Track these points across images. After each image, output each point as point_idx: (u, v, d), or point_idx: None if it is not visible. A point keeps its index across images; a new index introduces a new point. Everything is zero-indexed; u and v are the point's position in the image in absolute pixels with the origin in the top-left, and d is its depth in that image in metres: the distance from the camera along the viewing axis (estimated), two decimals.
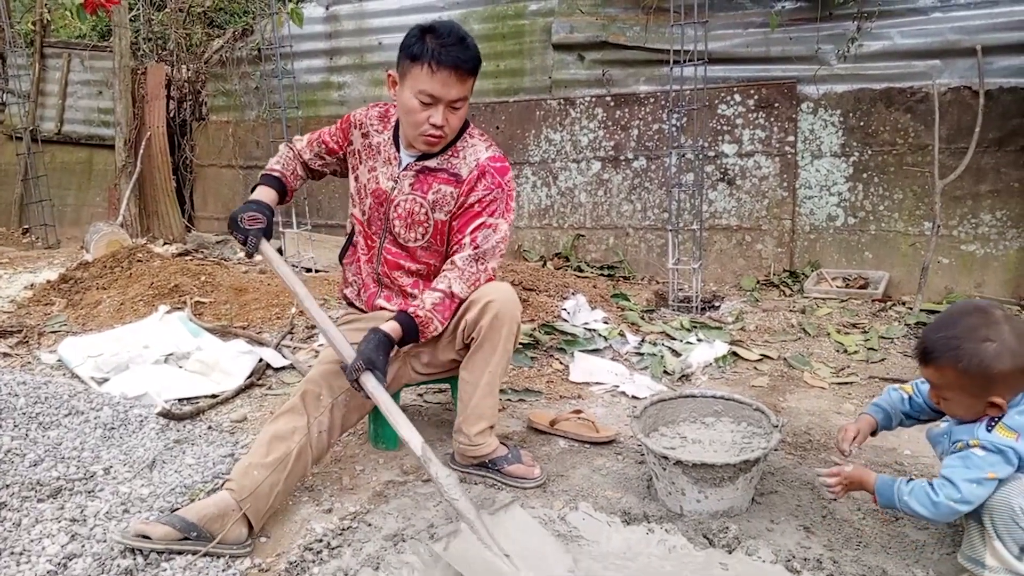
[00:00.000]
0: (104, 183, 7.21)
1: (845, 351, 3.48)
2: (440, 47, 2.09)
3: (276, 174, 2.47)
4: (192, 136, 6.93)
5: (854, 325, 3.79)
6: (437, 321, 2.20)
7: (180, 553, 1.94)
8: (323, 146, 2.52)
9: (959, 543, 1.84)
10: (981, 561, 1.73)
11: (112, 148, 6.77)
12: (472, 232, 2.25)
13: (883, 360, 3.38)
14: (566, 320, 3.82)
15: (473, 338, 2.28)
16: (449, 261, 2.26)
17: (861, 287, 4.27)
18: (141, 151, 6.57)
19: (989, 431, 1.71)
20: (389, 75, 2.26)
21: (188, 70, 6.96)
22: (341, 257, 2.63)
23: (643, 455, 2.43)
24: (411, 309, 2.18)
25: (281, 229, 5.62)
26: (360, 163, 2.43)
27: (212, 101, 6.86)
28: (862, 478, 1.88)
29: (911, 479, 1.80)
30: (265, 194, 2.41)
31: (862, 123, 4.40)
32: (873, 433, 2.07)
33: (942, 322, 1.78)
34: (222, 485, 2.09)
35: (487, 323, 2.24)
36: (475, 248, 2.23)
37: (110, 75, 6.74)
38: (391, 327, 2.13)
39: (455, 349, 2.37)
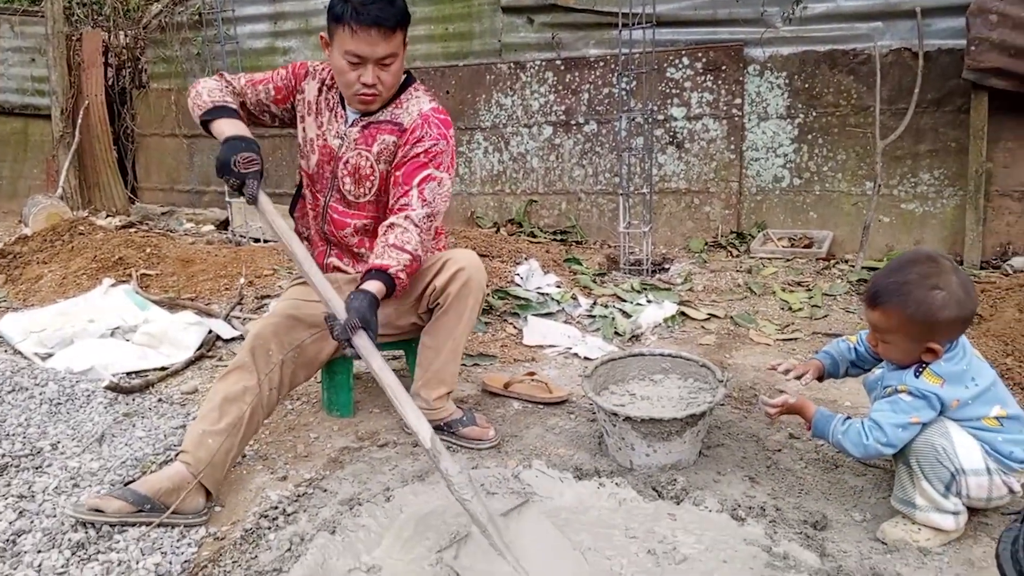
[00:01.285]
0: (41, 154, 6.96)
1: (790, 308, 3.58)
2: (360, 5, 2.07)
3: (230, 105, 2.25)
4: (132, 105, 6.71)
5: (799, 283, 3.89)
6: (407, 281, 2.14)
7: (134, 525, 1.93)
8: (271, 93, 2.36)
9: (893, 487, 1.92)
10: (912, 502, 1.82)
11: (48, 118, 6.53)
12: (419, 184, 2.19)
13: (826, 316, 3.48)
14: (519, 285, 3.85)
15: (439, 303, 2.29)
16: (404, 216, 2.14)
17: (806, 246, 4.38)
18: (79, 121, 6.35)
19: (917, 377, 1.79)
20: (322, 37, 2.23)
21: (126, 36, 6.72)
22: (292, 209, 2.60)
23: (594, 413, 2.48)
24: (390, 269, 2.05)
25: (228, 199, 5.52)
26: (308, 114, 2.37)
27: (152, 68, 6.64)
28: (802, 407, 1.95)
29: (849, 417, 1.88)
30: (240, 127, 2.19)
31: (807, 85, 4.47)
32: (820, 378, 2.14)
33: (893, 267, 1.83)
34: (175, 456, 2.07)
35: (455, 290, 2.25)
36: (424, 203, 2.18)
37: (43, 42, 6.47)
38: (376, 287, 2.01)
39: (417, 313, 2.38)
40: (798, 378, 2.12)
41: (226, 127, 2.18)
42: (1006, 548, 1.29)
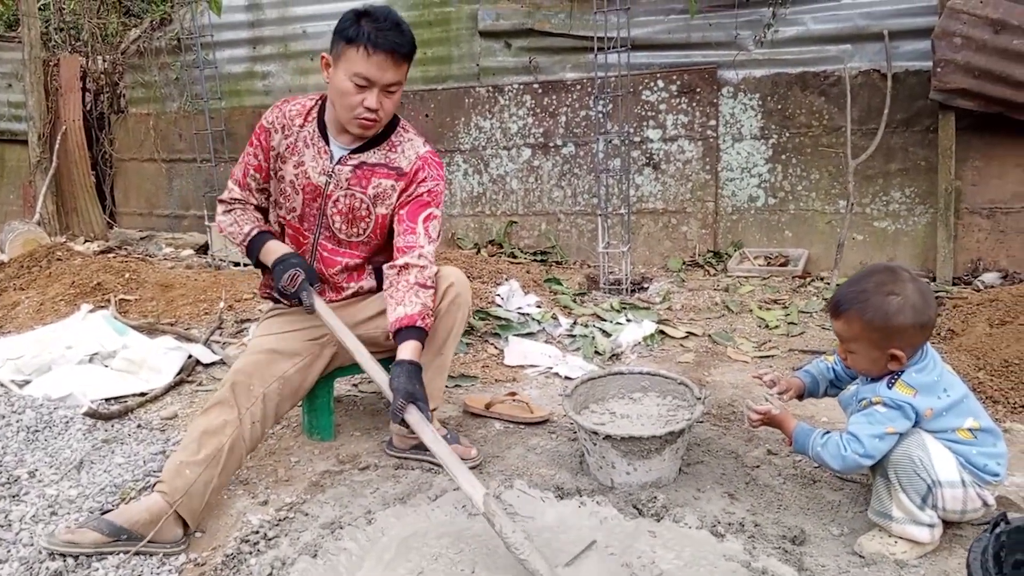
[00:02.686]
0: (18, 180, 6.91)
1: (767, 326, 3.62)
2: (376, 30, 2.10)
3: (261, 229, 2.39)
4: (111, 129, 6.70)
5: (775, 301, 3.94)
6: (432, 319, 2.24)
7: (112, 553, 1.91)
8: (256, 177, 2.39)
9: (870, 501, 1.95)
10: (888, 514, 1.85)
11: (25, 143, 6.49)
12: (424, 222, 2.28)
13: (802, 333, 3.53)
14: (500, 306, 3.87)
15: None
16: (418, 255, 2.22)
17: (782, 264, 4.44)
18: (57, 146, 6.32)
19: (890, 388, 1.83)
20: (323, 58, 2.22)
21: (104, 61, 6.72)
22: None
23: (575, 432, 2.50)
24: (418, 321, 2.13)
25: (207, 223, 5.51)
26: (283, 163, 2.34)
27: (131, 93, 6.64)
28: (784, 421, 1.99)
29: (828, 432, 1.90)
30: (278, 245, 2.35)
31: (779, 106, 4.56)
32: (800, 397, 2.17)
33: (854, 278, 1.89)
34: (153, 486, 2.06)
35: (444, 306, 2.31)
36: (431, 240, 2.28)
37: (20, 67, 6.45)
38: (413, 349, 2.09)
39: None
40: (780, 394, 2.15)
41: (265, 256, 2.36)
42: (976, 558, 1.32)
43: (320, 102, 2.34)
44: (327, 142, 2.31)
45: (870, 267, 1.93)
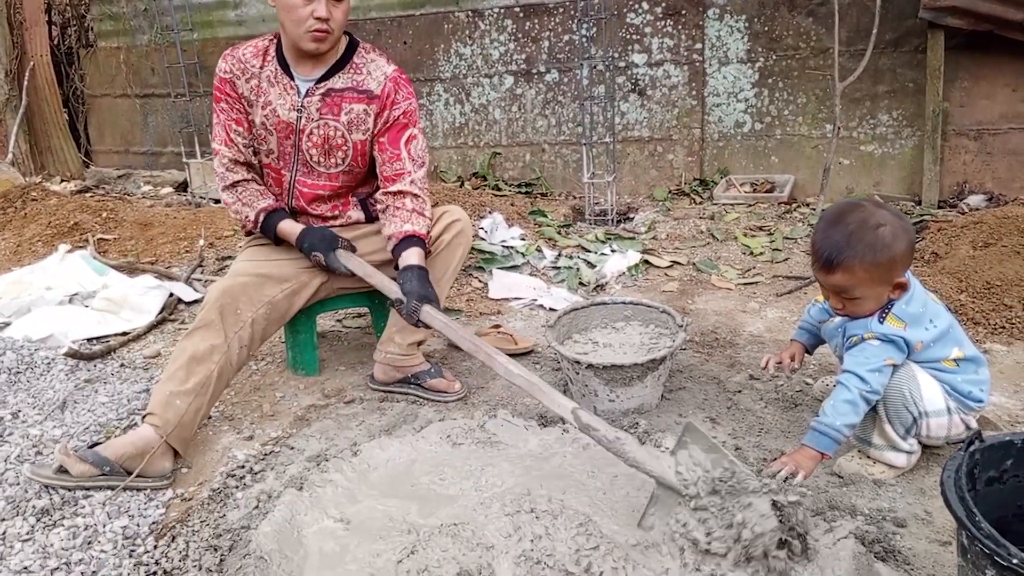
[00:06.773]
0: None
1: (751, 253, 3.61)
2: None
3: (267, 211, 2.32)
4: (81, 65, 6.49)
5: (760, 228, 3.92)
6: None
7: (98, 489, 1.93)
8: (239, 131, 2.30)
9: None
10: (868, 440, 1.87)
11: None
12: (406, 145, 2.29)
13: (787, 260, 3.53)
14: (484, 239, 3.83)
15: (430, 251, 2.34)
16: (410, 182, 2.27)
17: (768, 191, 4.41)
18: (25, 82, 6.13)
19: (881, 323, 1.79)
20: None
21: None
22: None
23: (559, 362, 2.51)
24: (420, 231, 2.24)
25: (185, 160, 5.40)
26: (251, 107, 2.29)
27: (99, 26, 6.41)
28: (802, 461, 1.70)
29: (818, 414, 1.75)
30: (289, 226, 2.30)
31: (766, 28, 4.44)
32: (808, 353, 2.15)
33: (827, 227, 1.77)
34: (143, 418, 2.06)
35: (448, 239, 2.36)
36: (415, 162, 2.30)
37: None
38: (419, 255, 2.19)
39: None
40: (792, 367, 2.09)
41: (285, 239, 2.32)
42: (950, 476, 1.34)
43: (275, 40, 2.29)
44: (291, 78, 2.26)
45: (835, 211, 1.80)
